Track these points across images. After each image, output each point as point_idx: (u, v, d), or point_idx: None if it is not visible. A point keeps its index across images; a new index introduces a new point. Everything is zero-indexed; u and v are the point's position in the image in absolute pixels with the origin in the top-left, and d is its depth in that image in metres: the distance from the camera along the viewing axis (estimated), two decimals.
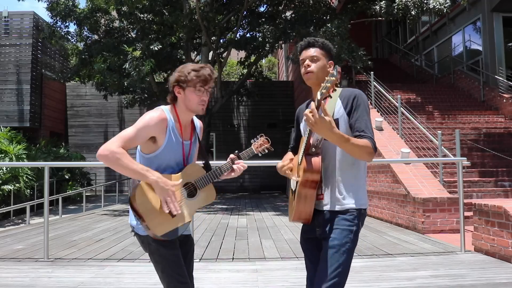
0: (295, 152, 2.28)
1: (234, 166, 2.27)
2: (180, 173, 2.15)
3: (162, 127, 2.11)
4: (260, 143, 2.38)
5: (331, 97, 1.91)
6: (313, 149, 2.05)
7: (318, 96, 1.84)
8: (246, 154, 2.34)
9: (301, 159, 2.05)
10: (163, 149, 2.12)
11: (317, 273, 2.03)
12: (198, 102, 2.16)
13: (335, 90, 2.08)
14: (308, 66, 2.13)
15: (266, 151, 2.42)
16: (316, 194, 2.05)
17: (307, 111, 1.85)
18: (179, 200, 2.10)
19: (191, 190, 2.17)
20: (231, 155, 2.29)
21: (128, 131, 2.08)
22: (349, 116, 2.05)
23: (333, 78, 1.81)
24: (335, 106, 2.07)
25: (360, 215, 2.08)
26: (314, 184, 2.02)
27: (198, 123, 2.38)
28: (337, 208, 2.05)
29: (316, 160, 2.01)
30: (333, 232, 2.03)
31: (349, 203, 2.05)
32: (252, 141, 2.41)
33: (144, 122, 2.09)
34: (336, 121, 2.03)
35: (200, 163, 2.35)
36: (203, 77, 2.13)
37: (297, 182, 2.05)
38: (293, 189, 2.12)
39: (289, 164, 2.20)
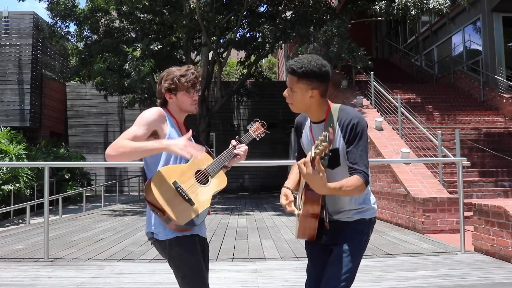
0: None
1: (238, 150, 2.31)
2: (190, 162, 2.18)
3: (162, 120, 2.18)
4: (256, 127, 2.42)
5: (323, 158, 1.79)
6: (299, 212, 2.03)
7: (312, 153, 1.77)
8: (246, 139, 2.38)
9: (303, 192, 2.02)
10: (168, 138, 2.15)
11: (325, 277, 2.03)
12: (191, 102, 2.25)
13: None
14: (287, 95, 2.04)
15: (263, 134, 2.46)
16: (319, 223, 2.04)
17: (300, 162, 1.79)
18: (193, 184, 2.14)
19: (203, 177, 2.20)
20: (233, 141, 2.33)
21: (130, 130, 2.13)
22: (346, 144, 1.99)
23: (325, 143, 1.73)
24: (335, 133, 2.01)
25: (370, 223, 2.09)
26: (316, 215, 2.00)
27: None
28: (346, 220, 2.07)
29: (315, 196, 1.96)
30: (343, 239, 2.04)
31: (358, 215, 2.06)
32: (248, 126, 2.45)
33: (145, 118, 2.15)
34: (336, 151, 2.00)
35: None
36: (192, 81, 2.22)
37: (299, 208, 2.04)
38: (297, 207, 2.09)
39: (289, 202, 2.10)
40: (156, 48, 13.24)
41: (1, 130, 13.74)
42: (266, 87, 20.22)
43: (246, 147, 2.35)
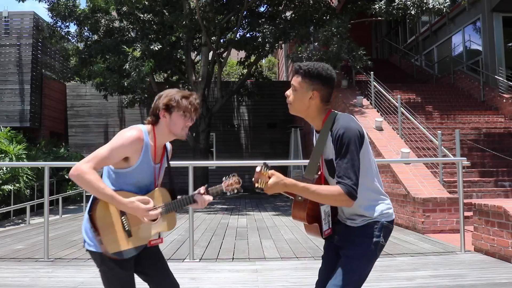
0: None
1: (198, 199, 2.26)
2: (148, 194, 2.16)
3: (137, 148, 2.11)
4: (231, 182, 2.32)
5: (261, 189, 1.88)
6: (299, 198, 2.03)
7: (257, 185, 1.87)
8: (215, 191, 2.31)
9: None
10: (133, 169, 2.12)
11: (332, 279, 2.00)
12: (183, 127, 2.20)
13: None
14: (288, 94, 2.05)
15: (235, 191, 2.37)
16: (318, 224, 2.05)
17: (255, 180, 1.87)
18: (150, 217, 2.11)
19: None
20: (201, 189, 2.30)
21: (103, 151, 2.06)
22: (335, 155, 1.95)
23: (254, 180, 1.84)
24: (327, 144, 2.00)
25: (381, 228, 2.00)
26: (303, 219, 2.03)
27: (168, 146, 2.39)
28: (355, 225, 2.03)
29: (301, 214, 2.02)
30: (351, 242, 2.00)
31: (367, 219, 2.01)
32: (223, 178, 2.35)
33: (120, 142, 2.08)
34: (331, 162, 1.97)
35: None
36: (194, 106, 2.19)
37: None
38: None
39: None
40: (156, 48, 13.25)
41: (1, 130, 13.74)
42: (266, 87, 20.22)
43: (210, 199, 2.29)
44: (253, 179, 1.89)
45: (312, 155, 2.06)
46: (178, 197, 2.28)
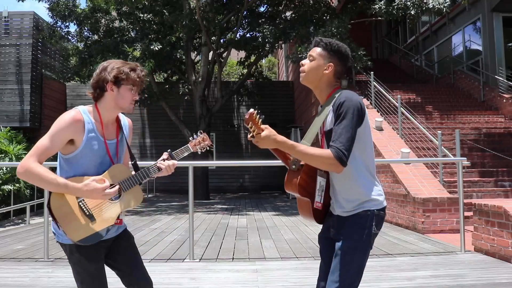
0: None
1: (161, 165, 2.19)
2: (104, 173, 2.08)
3: (77, 129, 2.02)
4: (198, 140, 2.29)
5: (253, 136, 1.90)
6: (293, 166, 2.05)
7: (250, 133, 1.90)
8: (180, 153, 2.26)
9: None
10: (81, 150, 2.04)
11: (329, 274, 2.00)
12: (131, 100, 2.13)
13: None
14: (303, 65, 2.10)
15: (208, 148, 2.33)
16: (312, 199, 2.05)
17: (245, 124, 1.90)
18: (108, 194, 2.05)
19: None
20: (164, 154, 2.24)
21: (44, 141, 2.00)
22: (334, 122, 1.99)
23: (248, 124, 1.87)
24: (328, 113, 2.04)
25: (373, 216, 1.99)
26: (295, 189, 2.04)
27: (126, 121, 2.31)
28: (346, 214, 2.02)
29: (294, 183, 2.02)
30: (343, 234, 2.00)
31: (357, 207, 1.99)
32: (190, 138, 2.33)
33: (56, 127, 2.00)
34: (329, 132, 1.99)
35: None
36: (141, 79, 2.12)
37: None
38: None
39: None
40: (156, 48, 13.24)
41: (1, 130, 13.74)
42: (266, 87, 20.22)
43: (175, 163, 2.21)
44: (243, 121, 1.90)
45: (312, 124, 2.09)
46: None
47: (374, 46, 23.61)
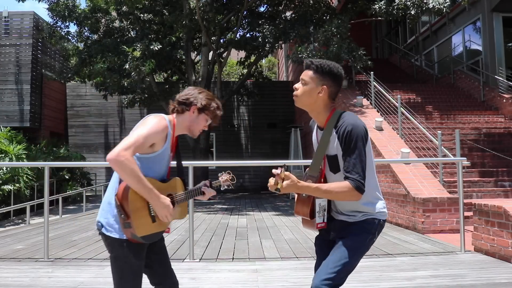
0: None
1: (206, 191, 2.39)
2: (168, 183, 2.25)
3: (164, 136, 2.16)
4: (226, 178, 2.50)
5: (277, 189, 1.96)
6: (304, 195, 2.10)
7: (272, 184, 1.97)
8: (215, 185, 2.48)
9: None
10: (157, 155, 2.16)
11: (323, 264, 2.07)
12: (200, 129, 2.30)
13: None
14: (297, 88, 2.10)
15: (229, 187, 2.53)
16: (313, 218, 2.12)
17: (269, 185, 1.98)
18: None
19: (171, 202, 2.24)
20: (206, 182, 2.44)
21: (140, 138, 2.07)
22: (342, 151, 2.02)
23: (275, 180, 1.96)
24: (331, 140, 2.05)
25: (378, 226, 2.10)
26: (306, 215, 2.11)
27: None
28: (352, 220, 2.10)
29: (305, 210, 2.09)
30: (349, 233, 2.08)
31: (366, 215, 2.09)
32: (219, 174, 2.54)
33: (154, 129, 2.12)
34: (335, 157, 2.04)
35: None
36: (218, 118, 2.31)
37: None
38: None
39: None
40: (156, 48, 13.24)
41: (1, 130, 13.74)
42: (266, 87, 20.23)
43: (214, 192, 2.42)
44: (270, 179, 1.98)
45: (316, 152, 2.12)
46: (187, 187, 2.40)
47: (374, 46, 23.61)
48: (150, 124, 2.11)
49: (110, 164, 2.01)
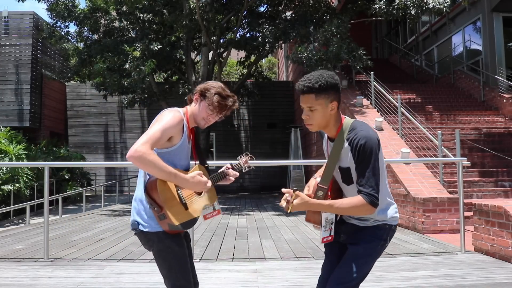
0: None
1: (231, 172, 2.44)
2: (193, 169, 2.30)
3: (180, 128, 2.20)
4: (246, 159, 2.53)
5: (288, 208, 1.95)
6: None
7: (283, 205, 1.95)
8: (237, 167, 2.50)
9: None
10: (176, 148, 2.21)
11: (336, 272, 2.07)
12: (205, 118, 2.28)
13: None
14: (307, 117, 2.02)
15: (248, 168, 2.56)
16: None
17: (282, 203, 1.96)
18: (190, 192, 2.24)
19: None
20: (228, 164, 2.49)
21: (156, 132, 2.12)
22: (355, 164, 1.98)
23: (290, 199, 1.93)
24: (343, 152, 2.01)
25: (390, 231, 2.09)
26: (317, 222, 2.08)
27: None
28: (364, 225, 2.09)
29: (316, 218, 2.07)
30: (361, 239, 2.07)
31: (378, 220, 2.08)
32: (238, 157, 2.58)
33: (170, 123, 2.16)
34: (348, 170, 2.02)
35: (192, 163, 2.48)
36: (221, 106, 2.26)
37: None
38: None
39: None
40: (156, 48, 13.24)
41: (1, 130, 13.73)
42: (266, 87, 20.22)
43: (237, 174, 2.46)
44: (282, 201, 1.98)
45: (327, 163, 2.08)
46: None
47: (374, 46, 23.61)
48: (166, 119, 2.16)
49: (130, 161, 2.06)
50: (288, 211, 1.96)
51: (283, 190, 1.97)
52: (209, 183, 2.25)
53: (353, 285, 2.02)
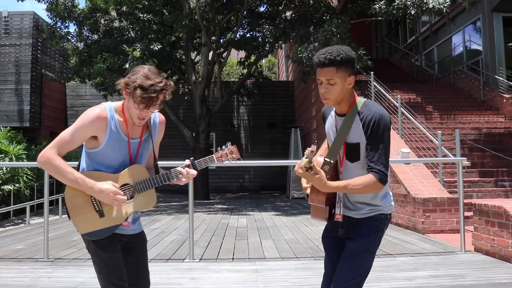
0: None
1: (182, 171, 2.15)
2: (120, 173, 2.08)
3: (100, 126, 2.03)
4: (226, 152, 2.21)
5: (311, 169, 1.84)
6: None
7: (306, 163, 1.82)
8: (203, 163, 2.19)
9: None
10: (102, 147, 2.07)
11: (338, 271, 2.05)
12: (138, 115, 2.03)
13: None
14: (326, 91, 1.97)
15: (231, 161, 2.22)
16: (330, 210, 2.09)
17: (297, 168, 1.86)
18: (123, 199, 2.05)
19: (129, 192, 2.10)
20: (186, 160, 2.20)
21: (65, 135, 2.05)
22: (367, 140, 1.96)
23: (306, 159, 1.81)
24: (353, 127, 1.98)
25: (385, 220, 2.09)
26: (321, 202, 2.03)
27: (157, 118, 2.24)
28: (361, 216, 2.07)
29: (321, 198, 2.02)
30: (358, 234, 2.05)
31: (374, 210, 2.06)
32: (218, 148, 2.24)
33: (80, 123, 2.04)
34: (357, 146, 1.98)
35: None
36: (146, 100, 1.96)
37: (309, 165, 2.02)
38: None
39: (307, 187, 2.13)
40: (156, 48, 13.24)
41: (1, 130, 13.73)
42: (266, 87, 20.22)
43: (194, 173, 2.16)
44: (301, 161, 1.86)
45: (336, 138, 2.04)
46: (162, 172, 2.17)
47: (374, 46, 23.61)
48: (79, 119, 2.04)
49: (39, 165, 2.02)
50: (308, 171, 1.83)
51: (308, 150, 1.85)
52: (121, 197, 2.01)
53: (356, 283, 2.02)
